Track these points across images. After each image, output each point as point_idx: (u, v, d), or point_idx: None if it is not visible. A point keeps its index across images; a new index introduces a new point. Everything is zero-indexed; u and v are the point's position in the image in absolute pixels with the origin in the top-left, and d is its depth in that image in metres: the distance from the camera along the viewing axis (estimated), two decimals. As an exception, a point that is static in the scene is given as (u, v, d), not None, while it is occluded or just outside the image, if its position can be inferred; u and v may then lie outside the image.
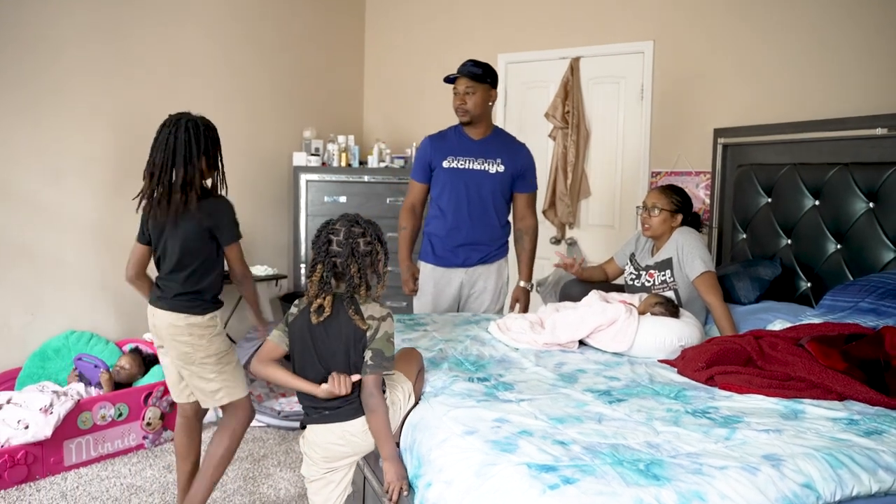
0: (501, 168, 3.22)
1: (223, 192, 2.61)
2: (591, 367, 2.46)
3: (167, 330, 2.51)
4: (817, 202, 3.24)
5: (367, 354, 1.94)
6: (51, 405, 3.12)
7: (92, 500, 2.96)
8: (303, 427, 2.06)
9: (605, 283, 3.46)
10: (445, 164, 3.21)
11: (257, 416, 3.85)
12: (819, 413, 2.02)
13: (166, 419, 3.58)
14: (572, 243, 4.62)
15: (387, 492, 1.93)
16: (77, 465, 3.24)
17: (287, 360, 2.08)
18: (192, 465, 2.73)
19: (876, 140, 3.05)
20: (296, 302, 2.07)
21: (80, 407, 3.24)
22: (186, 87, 4.31)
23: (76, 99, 3.76)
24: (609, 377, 2.34)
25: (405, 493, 1.91)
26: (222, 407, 2.64)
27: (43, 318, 3.70)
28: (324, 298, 1.95)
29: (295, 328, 2.03)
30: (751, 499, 1.51)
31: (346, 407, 1.97)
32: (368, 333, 1.95)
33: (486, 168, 3.21)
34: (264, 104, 4.84)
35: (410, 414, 2.07)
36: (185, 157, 2.44)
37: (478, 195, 3.22)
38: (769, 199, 3.50)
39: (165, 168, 2.45)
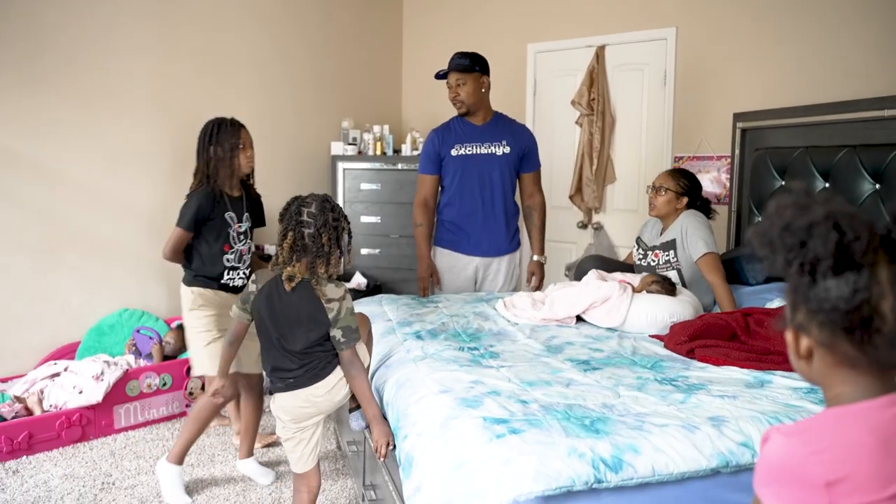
0: (507, 149, 3.37)
1: (208, 183, 2.87)
2: (580, 341, 2.60)
3: None
4: (827, 184, 3.27)
5: (338, 333, 2.12)
6: (102, 373, 3.45)
7: (136, 458, 3.28)
8: (270, 394, 2.28)
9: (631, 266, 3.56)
10: (454, 152, 3.38)
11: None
12: (785, 383, 2.12)
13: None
14: (598, 228, 4.72)
15: (376, 451, 2.14)
16: (125, 429, 3.57)
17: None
18: (243, 426, 3.11)
19: (884, 121, 3.06)
20: (252, 278, 2.24)
21: (128, 376, 3.56)
22: (233, 83, 4.58)
23: (128, 92, 4.06)
24: (594, 349, 2.49)
25: (391, 447, 2.11)
26: None
27: (99, 297, 4.05)
28: (293, 266, 2.13)
29: (256, 306, 2.20)
30: (685, 453, 1.64)
31: (307, 374, 2.17)
32: (331, 315, 2.11)
33: (493, 151, 3.36)
34: (307, 96, 5.10)
35: (397, 373, 2.26)
36: (197, 151, 2.87)
37: (488, 178, 3.38)
38: (783, 182, 3.54)
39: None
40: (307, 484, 2.30)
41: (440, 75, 3.39)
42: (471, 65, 3.29)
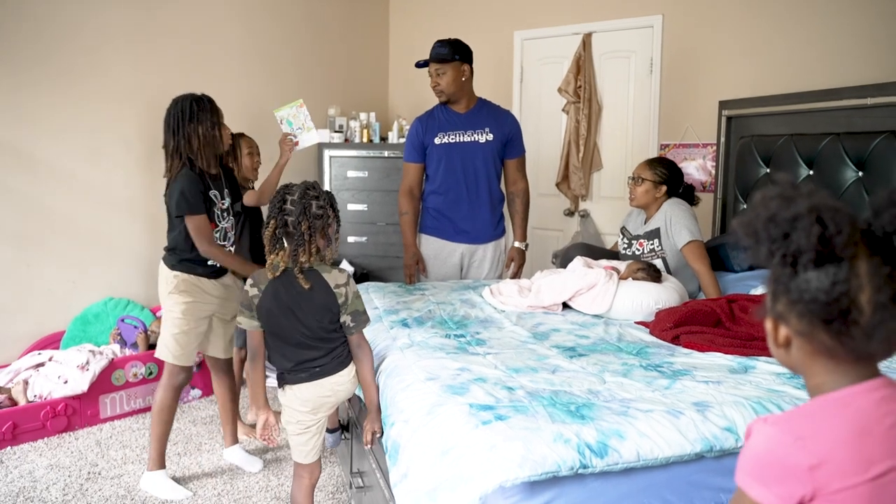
0: (490, 136, 3.37)
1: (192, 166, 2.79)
2: (567, 327, 2.61)
3: None
4: (811, 172, 3.29)
5: (348, 318, 2.12)
6: (87, 363, 3.43)
7: (122, 447, 3.27)
8: (280, 387, 2.21)
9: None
10: (437, 140, 3.37)
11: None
12: (768, 369, 2.13)
13: (193, 378, 3.86)
14: (585, 215, 4.73)
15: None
16: (111, 418, 3.56)
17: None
18: (220, 411, 3.16)
19: (866, 109, 3.08)
20: (249, 282, 2.18)
21: (113, 365, 3.55)
22: (216, 69, 4.54)
23: (110, 81, 4.03)
24: (580, 336, 2.50)
25: (377, 435, 2.12)
26: None
27: (84, 286, 4.02)
28: (277, 255, 2.10)
29: (264, 306, 2.12)
30: (669, 438, 1.65)
31: (334, 361, 2.15)
32: (340, 301, 2.11)
33: (476, 138, 3.36)
34: (291, 84, 5.06)
35: (384, 361, 2.26)
36: (173, 130, 2.77)
37: (472, 166, 3.38)
38: (767, 170, 3.56)
39: (166, 141, 2.81)
40: (310, 471, 2.28)
41: (420, 64, 3.38)
42: (450, 54, 3.27)
